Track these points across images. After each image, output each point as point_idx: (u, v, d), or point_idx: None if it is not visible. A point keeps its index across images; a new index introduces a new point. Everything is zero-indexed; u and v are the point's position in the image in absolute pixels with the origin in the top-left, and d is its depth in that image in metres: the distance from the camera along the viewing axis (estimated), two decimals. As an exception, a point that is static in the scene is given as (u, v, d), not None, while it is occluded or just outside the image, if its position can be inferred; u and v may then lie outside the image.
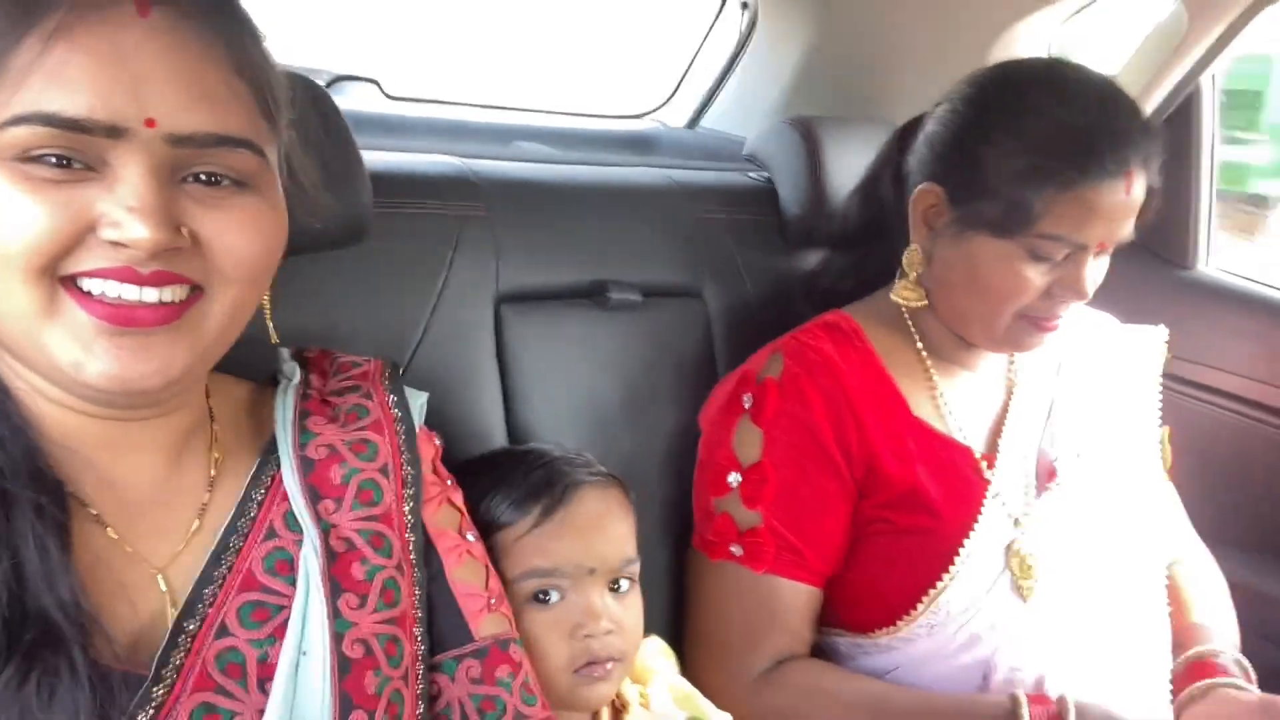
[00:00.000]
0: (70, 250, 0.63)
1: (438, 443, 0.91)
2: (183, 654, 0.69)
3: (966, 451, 1.17)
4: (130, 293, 0.64)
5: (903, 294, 1.18)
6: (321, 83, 1.26)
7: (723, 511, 1.15)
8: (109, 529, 0.71)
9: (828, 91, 1.74)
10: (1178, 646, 1.21)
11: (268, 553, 0.76)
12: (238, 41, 0.68)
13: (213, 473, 0.77)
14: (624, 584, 1.01)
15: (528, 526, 0.98)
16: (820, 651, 1.19)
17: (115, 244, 0.63)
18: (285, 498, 0.78)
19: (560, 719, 0.92)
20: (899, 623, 1.11)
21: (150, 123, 0.63)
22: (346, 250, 1.05)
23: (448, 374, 1.18)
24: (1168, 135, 1.13)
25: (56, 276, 0.64)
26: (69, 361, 0.65)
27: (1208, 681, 1.12)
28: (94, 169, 0.64)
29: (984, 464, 1.17)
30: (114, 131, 0.62)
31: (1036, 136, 1.06)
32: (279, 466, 0.79)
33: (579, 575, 0.98)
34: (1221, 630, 1.22)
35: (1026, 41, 1.61)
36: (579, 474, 1.02)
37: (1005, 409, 1.22)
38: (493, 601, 0.86)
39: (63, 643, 0.62)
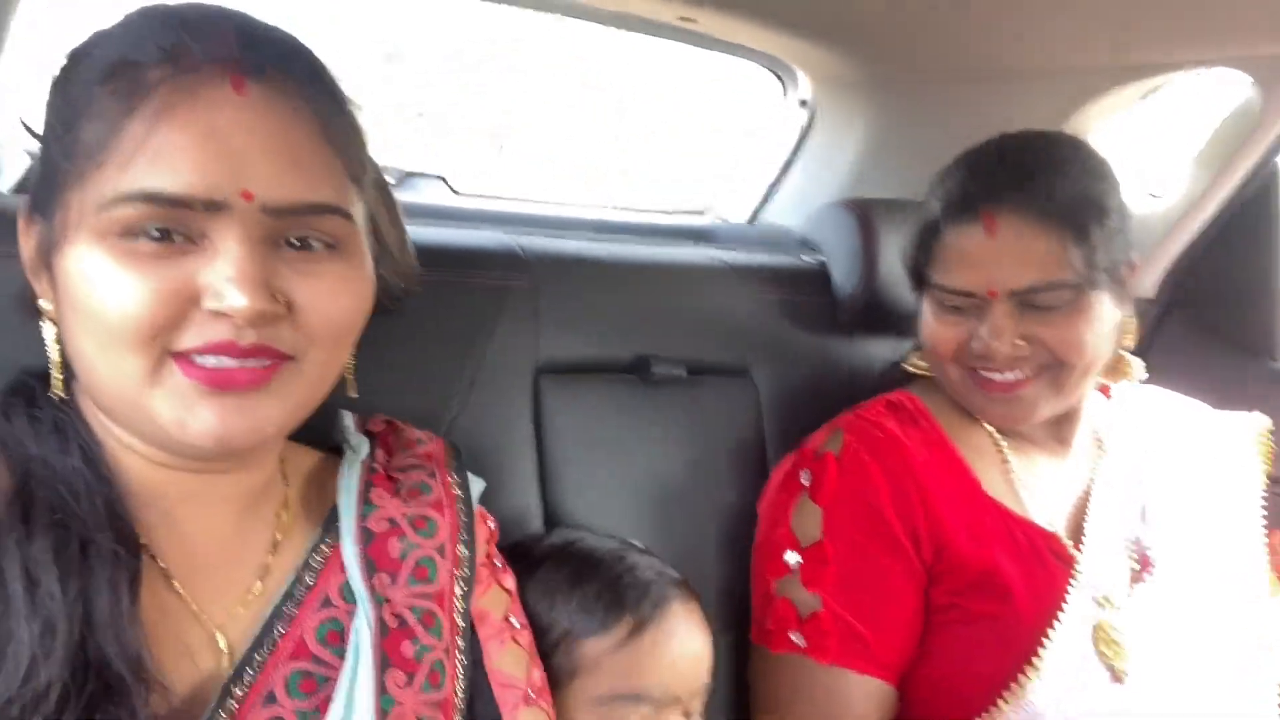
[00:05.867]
0: (176, 323, 0.65)
1: (491, 525, 0.90)
2: (228, 719, 0.69)
3: (1048, 535, 1.06)
4: (229, 363, 0.66)
5: (912, 361, 1.19)
6: (392, 179, 1.29)
7: (782, 595, 1.06)
8: (175, 583, 0.72)
9: (888, 177, 1.70)
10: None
11: (320, 622, 0.75)
12: (326, 110, 0.70)
13: (278, 536, 0.78)
14: (696, 704, 0.95)
15: (613, 643, 0.91)
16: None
17: (217, 314, 0.64)
18: (342, 569, 0.78)
19: None
20: (980, 721, 0.99)
21: (247, 195, 0.65)
22: (390, 318, 1.02)
23: (484, 445, 1.11)
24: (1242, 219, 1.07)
25: (165, 349, 0.65)
26: (173, 421, 0.66)
27: None
28: (194, 242, 0.65)
29: (1069, 546, 1.06)
30: (212, 206, 0.64)
31: (932, 193, 1.12)
32: (339, 537, 0.79)
33: (665, 701, 0.91)
34: None
35: (1098, 122, 1.56)
36: (666, 585, 0.96)
37: (1087, 494, 1.13)
38: (531, 695, 0.84)
39: (125, 696, 0.62)
